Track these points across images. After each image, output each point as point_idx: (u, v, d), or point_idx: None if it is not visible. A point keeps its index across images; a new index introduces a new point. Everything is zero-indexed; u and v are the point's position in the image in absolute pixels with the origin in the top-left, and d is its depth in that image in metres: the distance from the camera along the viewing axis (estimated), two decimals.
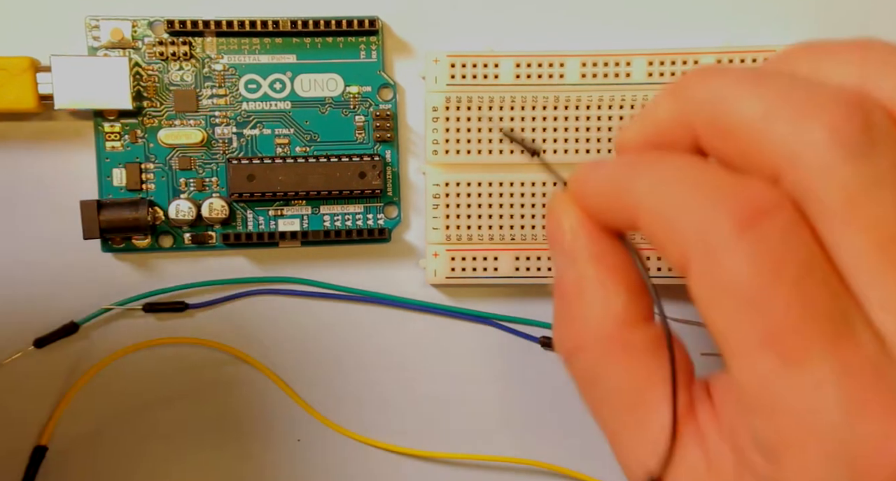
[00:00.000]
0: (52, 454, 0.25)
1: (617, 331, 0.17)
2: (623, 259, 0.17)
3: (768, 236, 0.14)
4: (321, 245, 0.25)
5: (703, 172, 0.15)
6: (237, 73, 0.25)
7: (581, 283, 0.18)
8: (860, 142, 0.13)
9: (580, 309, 0.17)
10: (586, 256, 0.17)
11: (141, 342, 0.25)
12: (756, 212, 0.14)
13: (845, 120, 0.14)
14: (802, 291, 0.13)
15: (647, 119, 0.17)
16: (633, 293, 0.17)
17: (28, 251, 0.25)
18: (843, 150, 0.13)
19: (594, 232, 0.18)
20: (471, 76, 0.24)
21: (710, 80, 0.15)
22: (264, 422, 0.26)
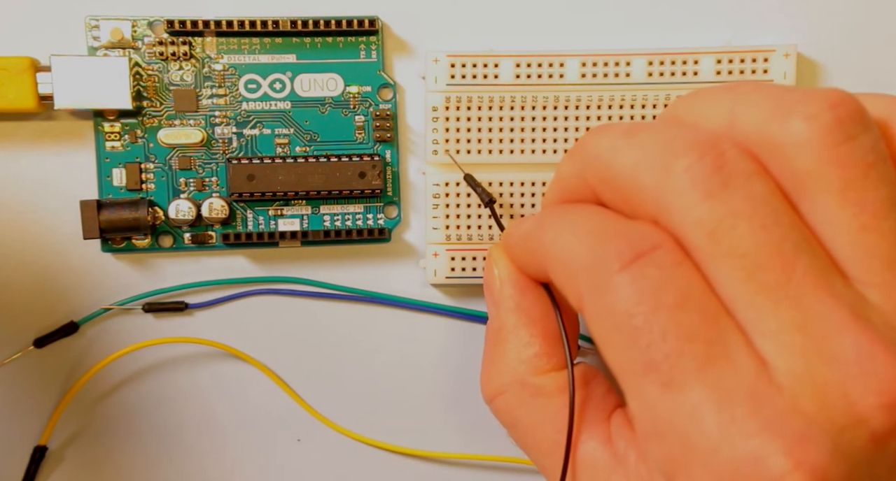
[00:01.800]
0: (52, 454, 0.26)
1: (529, 377, 0.19)
2: (544, 310, 0.19)
3: (647, 271, 0.15)
4: (321, 245, 0.25)
5: (596, 220, 0.16)
6: (237, 72, 0.25)
7: (502, 331, 0.19)
8: (713, 181, 0.15)
9: (499, 355, 0.19)
10: (510, 305, 0.19)
11: (141, 342, 0.25)
12: (638, 250, 0.15)
13: (698, 162, 0.15)
14: (678, 320, 0.14)
15: (556, 177, 0.19)
16: (549, 342, 0.19)
17: (28, 251, 0.25)
18: (698, 190, 0.15)
19: (521, 282, 0.20)
20: (471, 76, 0.24)
21: (596, 137, 0.17)
22: (264, 422, 0.26)
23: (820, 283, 0.14)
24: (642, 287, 0.15)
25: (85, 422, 0.26)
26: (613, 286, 0.15)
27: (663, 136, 0.16)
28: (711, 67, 0.24)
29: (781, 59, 0.24)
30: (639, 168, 0.15)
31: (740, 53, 0.24)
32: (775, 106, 0.15)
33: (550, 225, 0.17)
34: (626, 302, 0.15)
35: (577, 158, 0.18)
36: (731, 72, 0.24)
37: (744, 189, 0.15)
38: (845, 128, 0.14)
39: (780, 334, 0.14)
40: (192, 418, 0.26)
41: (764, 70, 0.24)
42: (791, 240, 0.14)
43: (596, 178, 0.17)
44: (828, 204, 0.14)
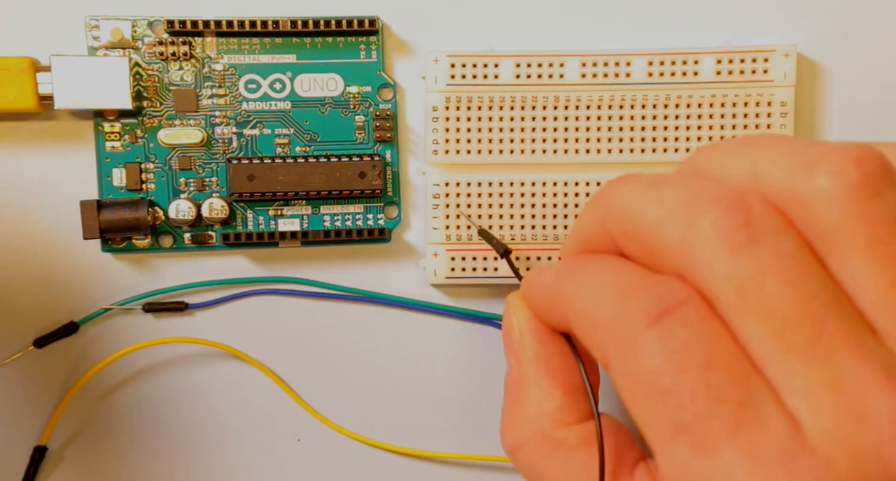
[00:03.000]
0: (52, 454, 0.26)
1: (550, 430, 0.18)
2: (565, 360, 0.19)
3: (674, 329, 0.14)
4: (321, 245, 0.25)
5: (620, 274, 0.16)
6: (237, 72, 0.25)
7: (522, 382, 0.19)
8: (741, 236, 0.14)
9: (520, 406, 0.19)
10: (530, 356, 0.19)
11: (141, 342, 0.25)
12: (664, 307, 0.15)
13: (725, 217, 0.15)
14: (708, 379, 0.14)
15: (577, 228, 0.18)
16: (571, 394, 0.19)
17: (28, 251, 0.25)
18: (726, 246, 0.14)
19: (541, 332, 0.19)
20: (471, 76, 0.24)
21: (618, 189, 0.17)
22: (264, 422, 0.26)
23: (851, 341, 0.14)
24: (670, 345, 0.14)
25: (85, 422, 0.26)
26: (640, 345, 0.15)
27: (688, 190, 0.15)
28: (711, 67, 0.24)
29: (781, 59, 0.24)
30: (664, 221, 0.15)
31: (740, 53, 0.24)
32: (799, 161, 0.15)
33: (572, 276, 0.17)
34: (653, 361, 0.14)
35: (599, 209, 0.17)
36: (731, 72, 0.24)
37: (772, 245, 0.14)
38: (871, 184, 0.14)
39: (812, 393, 0.14)
40: (192, 418, 0.26)
41: (764, 70, 0.24)
42: (820, 298, 0.14)
43: (618, 231, 0.17)
44: (856, 260, 0.14)
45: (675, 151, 0.24)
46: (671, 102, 0.24)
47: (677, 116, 0.24)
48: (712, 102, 0.24)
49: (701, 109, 0.24)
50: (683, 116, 0.24)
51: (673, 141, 0.24)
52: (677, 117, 0.24)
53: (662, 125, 0.24)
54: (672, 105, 0.24)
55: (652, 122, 0.24)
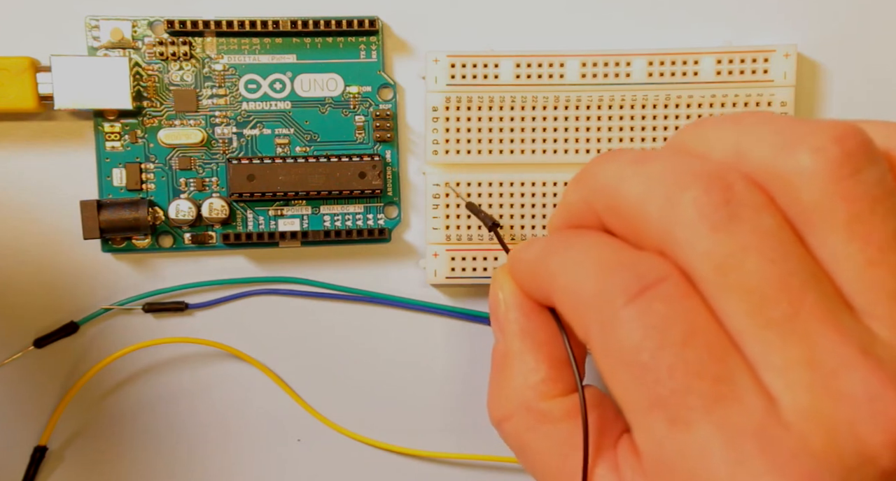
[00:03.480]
0: (52, 454, 0.26)
1: (535, 403, 0.18)
2: (550, 334, 0.19)
3: (653, 305, 0.15)
4: (321, 245, 0.25)
5: (603, 250, 0.16)
6: (237, 73, 0.25)
7: (508, 355, 0.19)
8: (721, 214, 0.14)
9: (506, 379, 0.19)
10: (515, 329, 0.19)
11: (141, 342, 0.25)
12: (643, 283, 0.15)
13: (707, 194, 0.15)
14: (685, 355, 0.14)
15: (562, 203, 0.19)
16: (555, 367, 0.19)
17: (28, 251, 0.25)
18: (706, 223, 0.14)
19: (526, 306, 0.19)
20: (471, 76, 0.24)
21: (603, 164, 0.17)
22: (264, 422, 0.26)
23: (828, 318, 0.14)
24: (649, 322, 0.14)
25: (85, 422, 0.26)
26: (620, 320, 0.15)
27: (671, 166, 0.15)
28: (711, 67, 0.24)
29: (781, 59, 0.24)
30: (646, 198, 0.15)
31: (740, 53, 0.24)
32: (781, 139, 0.15)
33: (556, 252, 0.17)
34: (632, 337, 0.14)
35: (584, 185, 0.17)
36: (731, 72, 0.24)
37: (752, 222, 0.14)
38: (852, 162, 0.14)
39: (788, 370, 0.14)
40: (192, 418, 0.26)
41: (764, 70, 0.24)
42: (798, 275, 0.14)
43: (602, 206, 0.17)
44: (835, 238, 0.14)
45: None
46: (671, 102, 0.24)
47: (677, 116, 0.24)
48: (712, 102, 0.24)
49: (701, 109, 0.24)
50: (683, 116, 0.24)
51: None
52: (677, 117, 0.24)
53: (662, 125, 0.24)
54: (672, 105, 0.24)
55: (652, 122, 0.24)
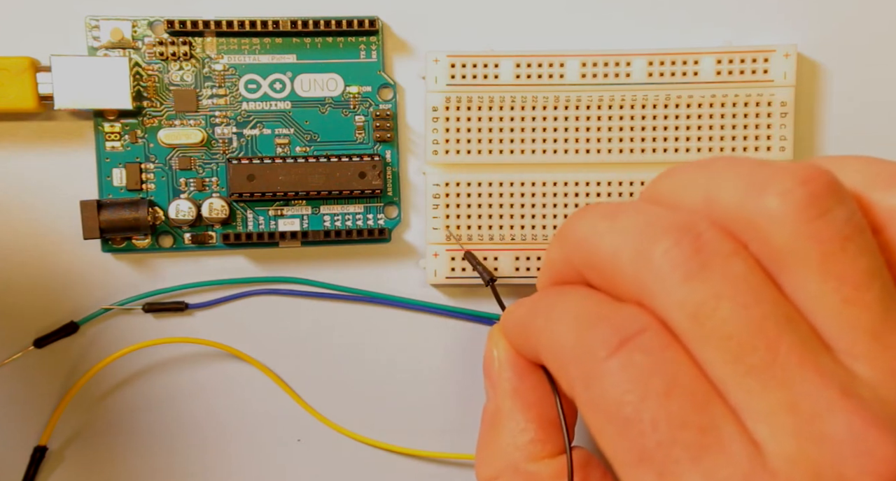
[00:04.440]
0: (52, 454, 0.26)
1: (523, 464, 0.19)
2: (542, 394, 0.19)
3: (634, 357, 0.15)
4: (321, 245, 0.25)
5: (583, 305, 0.16)
6: (237, 73, 0.25)
7: (498, 414, 0.19)
8: (692, 263, 0.14)
9: (495, 438, 0.19)
10: (507, 389, 0.19)
11: (141, 342, 0.25)
12: (623, 335, 0.15)
13: (676, 245, 0.15)
14: (668, 406, 0.14)
15: (545, 261, 0.19)
16: (545, 428, 0.19)
17: (28, 251, 0.25)
18: (678, 273, 0.15)
19: (519, 366, 0.19)
20: (471, 76, 0.24)
21: (577, 221, 0.17)
22: (264, 422, 0.26)
23: (806, 361, 0.14)
24: (630, 374, 0.14)
25: (85, 422, 0.26)
26: (602, 374, 0.15)
27: (641, 219, 0.16)
28: (711, 67, 0.24)
29: (781, 59, 0.24)
30: (619, 252, 0.16)
31: (740, 53, 0.24)
32: (748, 182, 0.15)
33: (541, 310, 0.17)
34: (615, 390, 0.15)
35: (563, 242, 0.18)
36: (731, 72, 0.24)
37: (723, 269, 0.14)
38: (819, 203, 0.14)
39: (771, 416, 0.14)
40: (192, 418, 0.26)
41: (764, 70, 0.24)
42: (773, 319, 0.14)
43: (580, 261, 0.17)
44: (808, 279, 0.14)
45: (675, 151, 0.24)
46: (671, 102, 0.24)
47: (677, 116, 0.24)
48: (712, 102, 0.24)
49: (701, 109, 0.24)
50: (683, 116, 0.24)
51: (673, 141, 0.24)
52: (677, 117, 0.24)
53: (662, 125, 0.24)
54: (672, 105, 0.24)
55: (652, 122, 0.24)
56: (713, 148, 0.24)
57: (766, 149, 0.24)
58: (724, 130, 0.24)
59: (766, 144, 0.24)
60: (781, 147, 0.24)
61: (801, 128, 0.26)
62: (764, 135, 0.24)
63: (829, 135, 0.26)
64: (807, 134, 0.26)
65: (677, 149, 0.24)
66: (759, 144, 0.24)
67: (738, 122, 0.24)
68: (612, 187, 0.25)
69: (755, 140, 0.24)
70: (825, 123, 0.26)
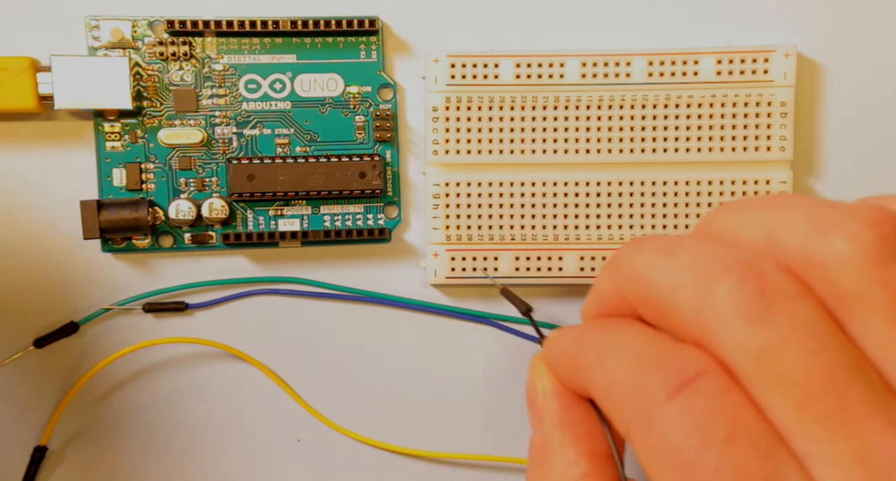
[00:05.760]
0: (52, 454, 0.26)
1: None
2: (590, 426, 0.18)
3: (694, 402, 0.14)
4: (321, 245, 0.25)
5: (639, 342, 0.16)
6: (237, 73, 0.25)
7: (546, 448, 0.19)
8: (758, 305, 0.14)
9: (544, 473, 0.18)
10: (554, 421, 0.19)
11: (141, 342, 0.25)
12: (683, 378, 0.14)
13: (741, 286, 0.14)
14: (732, 454, 0.14)
15: (593, 292, 0.18)
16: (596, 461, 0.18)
17: (28, 251, 0.25)
18: (742, 315, 0.14)
19: (565, 398, 0.19)
20: (471, 76, 0.24)
21: (633, 254, 0.17)
22: (264, 422, 0.26)
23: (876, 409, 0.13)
24: (691, 419, 0.14)
25: (85, 422, 0.26)
26: (661, 418, 0.14)
27: (702, 255, 0.15)
28: (711, 67, 0.24)
29: (781, 59, 0.24)
30: (678, 290, 0.15)
31: (740, 53, 0.24)
32: (814, 224, 0.15)
33: (591, 343, 0.17)
34: (675, 435, 0.14)
35: (614, 275, 0.17)
36: (731, 72, 0.24)
37: (789, 313, 0.14)
38: (889, 247, 0.14)
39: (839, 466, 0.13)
40: (192, 418, 0.26)
41: (764, 70, 0.24)
42: (842, 365, 0.14)
43: (634, 297, 0.17)
44: (876, 325, 0.14)
45: (675, 151, 0.24)
46: (671, 102, 0.24)
47: (677, 116, 0.24)
48: (712, 102, 0.24)
49: (701, 109, 0.24)
50: (683, 116, 0.24)
51: (673, 141, 0.24)
52: (677, 117, 0.24)
53: (662, 125, 0.24)
54: (672, 105, 0.24)
55: (652, 122, 0.24)
56: (713, 148, 0.24)
57: (766, 149, 0.24)
58: (724, 130, 0.24)
59: (766, 144, 0.24)
60: (781, 147, 0.24)
61: (801, 128, 0.26)
62: (764, 135, 0.24)
63: (829, 135, 0.26)
64: (807, 134, 0.26)
65: (677, 149, 0.24)
66: (759, 144, 0.24)
67: (738, 122, 0.24)
68: (612, 187, 0.25)
69: (755, 140, 0.24)
70: (825, 123, 0.26)
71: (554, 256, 0.25)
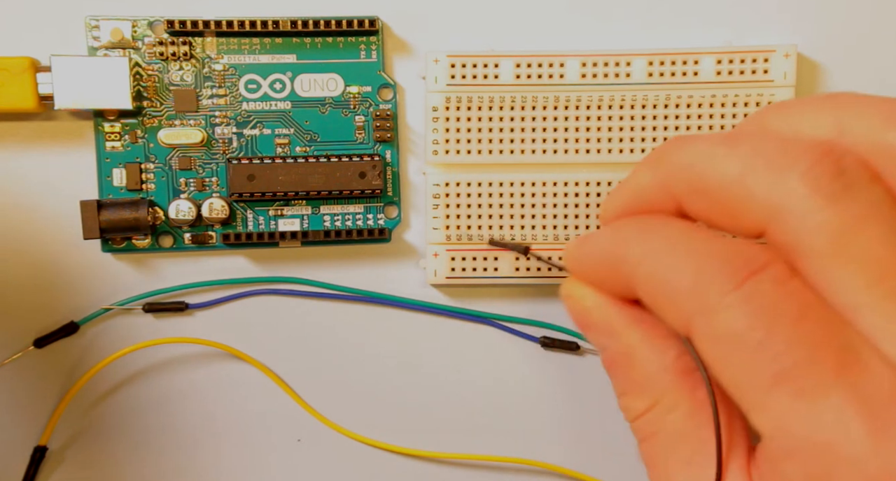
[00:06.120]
0: (52, 454, 0.26)
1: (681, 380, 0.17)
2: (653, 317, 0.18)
3: (761, 288, 0.14)
4: (321, 245, 0.25)
5: (692, 238, 0.16)
6: (237, 73, 0.25)
7: (628, 351, 0.18)
8: (836, 185, 0.14)
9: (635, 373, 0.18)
10: (624, 323, 0.18)
11: (141, 342, 0.25)
12: (747, 270, 0.15)
13: (818, 167, 0.14)
14: (802, 329, 0.14)
15: (629, 188, 0.18)
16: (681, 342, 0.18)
17: (28, 251, 0.25)
18: (821, 195, 0.14)
19: (618, 301, 0.18)
20: (471, 76, 0.24)
21: (686, 146, 0.16)
22: (264, 422, 0.26)
23: None
24: (760, 302, 0.14)
25: (85, 422, 0.26)
26: (728, 306, 0.14)
27: (771, 143, 0.15)
28: (711, 67, 0.24)
29: (781, 59, 0.24)
30: (748, 175, 0.15)
31: (740, 53, 0.24)
32: (888, 114, 0.15)
33: (633, 241, 0.17)
34: (744, 318, 0.14)
35: (662, 166, 0.17)
36: (731, 72, 0.24)
37: (866, 193, 0.14)
38: None
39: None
40: (192, 418, 0.26)
41: (764, 70, 0.24)
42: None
43: (686, 188, 0.16)
44: None
45: None
46: (671, 102, 0.24)
47: (677, 116, 0.24)
48: (712, 102, 0.24)
49: (701, 109, 0.24)
50: (683, 116, 0.24)
51: None
52: (677, 117, 0.24)
53: (662, 125, 0.24)
54: (672, 105, 0.24)
55: (652, 122, 0.24)
56: None
57: None
58: (725, 130, 0.24)
59: None
60: None
61: None
62: None
63: None
64: None
65: None
66: None
67: (738, 122, 0.24)
68: (612, 187, 0.25)
69: None
70: None
71: (554, 256, 0.25)
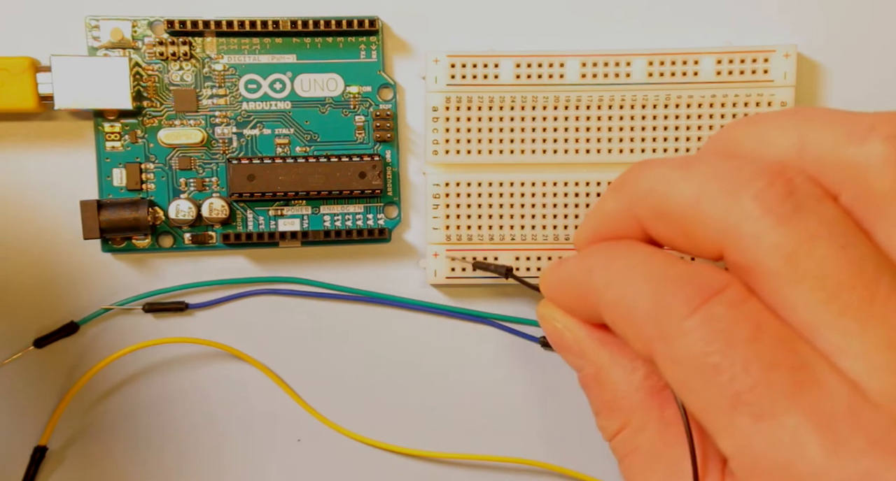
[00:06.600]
0: (52, 454, 0.26)
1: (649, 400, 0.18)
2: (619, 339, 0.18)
3: (716, 312, 0.15)
4: (321, 245, 0.25)
5: (652, 262, 0.16)
6: (237, 73, 0.25)
7: (600, 371, 0.19)
8: (787, 206, 0.14)
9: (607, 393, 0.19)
10: (595, 345, 0.19)
11: (141, 342, 0.25)
12: (703, 294, 0.15)
13: (770, 188, 0.15)
14: (757, 351, 0.14)
15: (598, 214, 0.18)
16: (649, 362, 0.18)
17: (28, 251, 0.25)
18: (772, 216, 0.14)
19: (588, 324, 0.19)
20: (471, 76, 0.24)
21: (646, 171, 0.17)
22: (264, 422, 0.26)
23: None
24: (716, 326, 0.14)
25: (85, 422, 0.26)
26: (685, 331, 0.15)
27: (724, 166, 0.15)
28: (711, 67, 0.24)
29: (781, 59, 0.24)
30: (702, 198, 0.15)
31: (740, 53, 0.24)
32: (850, 129, 0.15)
33: (598, 267, 0.17)
34: (701, 342, 0.14)
35: (626, 192, 0.17)
36: (731, 72, 0.24)
37: (817, 212, 0.14)
38: None
39: (869, 354, 0.14)
40: (192, 418, 0.26)
41: (764, 70, 0.24)
42: (870, 260, 0.14)
43: (650, 213, 0.17)
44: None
45: (675, 151, 0.24)
46: (671, 102, 0.24)
47: (677, 116, 0.24)
48: (712, 102, 0.24)
49: (701, 109, 0.24)
50: (683, 116, 0.24)
51: (673, 141, 0.24)
52: (677, 117, 0.24)
53: (662, 125, 0.24)
54: (672, 105, 0.24)
55: (652, 122, 0.24)
56: None
57: None
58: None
59: None
60: None
61: None
62: None
63: None
64: None
65: (677, 150, 0.24)
66: None
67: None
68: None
69: None
70: None
71: (554, 256, 0.25)
